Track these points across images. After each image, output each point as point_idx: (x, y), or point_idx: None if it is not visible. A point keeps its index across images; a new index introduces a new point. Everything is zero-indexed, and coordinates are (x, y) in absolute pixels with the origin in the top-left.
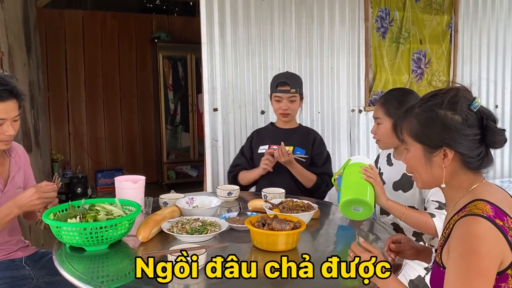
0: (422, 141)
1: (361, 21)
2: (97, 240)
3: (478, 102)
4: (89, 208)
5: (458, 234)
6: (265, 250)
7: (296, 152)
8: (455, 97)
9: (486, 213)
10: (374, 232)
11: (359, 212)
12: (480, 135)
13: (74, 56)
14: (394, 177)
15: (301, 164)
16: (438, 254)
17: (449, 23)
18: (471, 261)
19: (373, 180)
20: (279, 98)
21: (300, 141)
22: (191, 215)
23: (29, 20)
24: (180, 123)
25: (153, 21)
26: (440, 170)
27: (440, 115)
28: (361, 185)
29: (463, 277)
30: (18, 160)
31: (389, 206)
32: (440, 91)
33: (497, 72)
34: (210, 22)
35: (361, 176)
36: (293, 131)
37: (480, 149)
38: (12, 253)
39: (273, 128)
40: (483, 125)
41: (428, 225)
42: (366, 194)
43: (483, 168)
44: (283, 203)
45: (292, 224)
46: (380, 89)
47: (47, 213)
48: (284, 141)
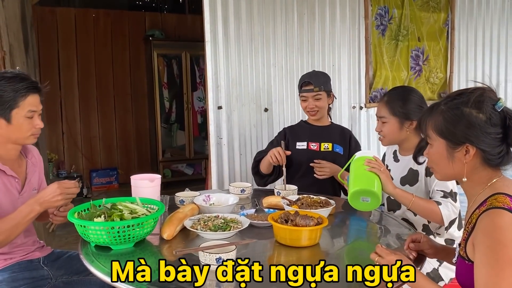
0: (446, 137)
1: (361, 19)
2: (124, 238)
3: (502, 103)
4: (112, 207)
5: (482, 228)
6: (288, 246)
7: (336, 150)
8: (480, 96)
9: (507, 205)
10: (383, 224)
11: (368, 203)
12: (502, 134)
13: (67, 54)
14: (401, 173)
15: (339, 161)
16: (462, 248)
17: (445, 20)
18: (499, 252)
19: (377, 170)
20: (305, 98)
21: (337, 139)
22: (210, 212)
23: (26, 18)
24: (175, 121)
25: (146, 19)
26: (462, 165)
27: (465, 113)
28: (367, 176)
29: (493, 268)
30: (34, 162)
31: (396, 193)
32: (466, 90)
33: (492, 68)
34: (214, 20)
35: (366, 168)
36: (328, 128)
37: (501, 147)
38: (30, 253)
39: (307, 125)
40: (505, 124)
41: (435, 213)
42: (372, 184)
43: (503, 165)
44: (301, 199)
45: (315, 220)
46: (380, 86)
47: (71, 213)
48: (321, 138)
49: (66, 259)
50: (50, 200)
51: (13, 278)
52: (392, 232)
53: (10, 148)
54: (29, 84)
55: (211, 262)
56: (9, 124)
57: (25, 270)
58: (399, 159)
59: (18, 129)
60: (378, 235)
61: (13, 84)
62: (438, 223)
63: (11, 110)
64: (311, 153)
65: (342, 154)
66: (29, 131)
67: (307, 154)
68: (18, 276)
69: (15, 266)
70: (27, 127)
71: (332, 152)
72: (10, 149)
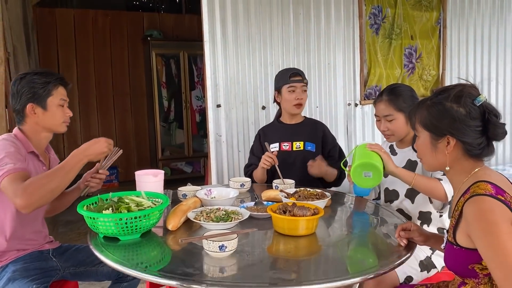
0: (430, 129)
1: (355, 18)
2: (131, 229)
3: (481, 98)
4: (118, 201)
5: (471, 216)
6: (286, 235)
7: (307, 148)
8: (460, 92)
9: (488, 191)
10: (378, 215)
11: (369, 178)
12: (482, 127)
13: (66, 54)
14: (399, 164)
15: (311, 157)
16: (450, 234)
17: (438, 19)
18: (496, 230)
19: (379, 150)
20: (294, 88)
21: (309, 136)
22: (212, 205)
23: (28, 19)
24: (174, 120)
25: (144, 19)
26: (444, 155)
27: (447, 107)
28: (370, 153)
29: (497, 246)
30: (54, 159)
31: (398, 172)
32: (448, 86)
33: (483, 66)
34: (212, 21)
35: (368, 150)
36: (300, 125)
37: (481, 139)
38: (41, 245)
39: (280, 125)
40: (485, 118)
41: (437, 188)
42: (375, 158)
43: (484, 157)
44: (298, 192)
45: (312, 210)
46: (374, 83)
47: (80, 206)
48: (293, 137)
49: (73, 252)
50: (97, 150)
51: (26, 268)
52: (388, 222)
53: (43, 137)
54: (58, 77)
55: (214, 249)
56: (45, 111)
57: (36, 260)
58: (397, 152)
59: (53, 116)
60: (374, 224)
61: (44, 77)
62: (442, 199)
63: (47, 98)
64: (283, 154)
65: (314, 152)
66: (62, 118)
67: (278, 156)
68: (30, 266)
69: (27, 257)
70: (60, 114)
71: (303, 151)
72: (43, 138)
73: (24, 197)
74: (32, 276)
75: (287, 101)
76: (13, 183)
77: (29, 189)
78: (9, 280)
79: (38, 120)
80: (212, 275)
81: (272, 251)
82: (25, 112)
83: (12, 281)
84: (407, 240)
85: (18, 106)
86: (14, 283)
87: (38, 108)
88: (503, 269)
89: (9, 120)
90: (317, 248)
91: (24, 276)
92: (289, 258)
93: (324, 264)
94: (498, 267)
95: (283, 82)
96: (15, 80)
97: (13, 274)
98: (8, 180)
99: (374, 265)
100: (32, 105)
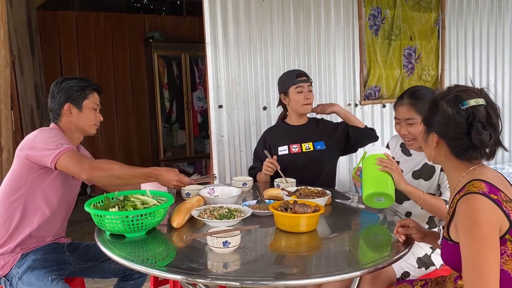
0: (423, 122)
1: (355, 19)
2: (137, 227)
3: (468, 103)
4: (124, 199)
5: (461, 212)
6: (288, 232)
7: (317, 147)
8: (455, 93)
9: (482, 190)
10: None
11: (382, 202)
12: (466, 130)
13: (69, 57)
14: (414, 167)
15: (323, 156)
16: (445, 230)
17: (436, 20)
18: (476, 231)
19: (389, 169)
20: (301, 88)
21: (316, 135)
22: (215, 203)
23: (32, 22)
24: (175, 121)
25: (145, 21)
26: (431, 149)
27: (439, 105)
28: (380, 178)
29: (473, 246)
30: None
31: (408, 190)
32: (450, 86)
33: (482, 66)
34: (214, 23)
35: (378, 168)
36: (307, 126)
37: (463, 141)
38: (59, 237)
39: (286, 127)
40: (468, 122)
41: (442, 210)
42: (386, 186)
43: (472, 159)
44: (299, 190)
45: (312, 208)
46: (374, 84)
47: (87, 204)
48: (301, 139)
49: (83, 248)
50: (165, 180)
51: (45, 258)
52: (388, 219)
53: (76, 137)
54: (94, 84)
55: (218, 245)
56: (80, 112)
57: (54, 252)
58: (411, 153)
59: (87, 117)
60: (374, 221)
61: (82, 82)
62: (443, 219)
63: (83, 101)
64: (293, 156)
65: (325, 148)
66: (93, 121)
67: (289, 158)
68: (49, 257)
69: (46, 248)
70: (93, 117)
71: (314, 151)
72: (76, 137)
73: (90, 170)
74: (50, 267)
75: (296, 101)
76: (74, 157)
77: (96, 164)
78: (29, 268)
79: (72, 120)
80: (216, 270)
81: (274, 247)
82: (62, 111)
83: (32, 269)
84: (405, 236)
85: (56, 105)
86: (34, 272)
87: (74, 109)
88: (470, 265)
89: (15, 122)
90: (318, 244)
91: (43, 266)
92: (291, 253)
93: (325, 259)
94: (467, 262)
95: (289, 83)
96: (56, 82)
97: (34, 263)
98: (69, 155)
99: (373, 260)
100: (69, 105)
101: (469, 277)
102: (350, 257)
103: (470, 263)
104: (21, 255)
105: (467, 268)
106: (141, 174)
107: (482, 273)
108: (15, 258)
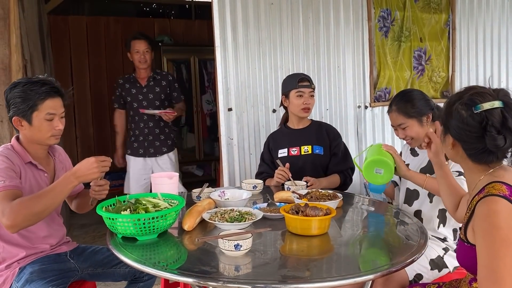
0: (441, 123)
1: (364, 21)
2: (149, 230)
3: (482, 107)
4: (136, 202)
5: (480, 214)
6: (299, 235)
7: (316, 151)
8: (470, 95)
9: (502, 193)
10: (399, 218)
11: (380, 175)
12: (480, 134)
13: (79, 61)
14: (421, 164)
15: (319, 162)
16: (462, 231)
17: (446, 21)
18: (495, 234)
19: (393, 152)
20: (302, 93)
21: (316, 139)
22: (225, 206)
23: (43, 27)
24: (185, 124)
25: (155, 25)
26: (448, 150)
27: (454, 108)
28: (383, 152)
29: (491, 249)
30: (61, 159)
31: (410, 174)
32: (467, 87)
33: (493, 67)
34: (223, 26)
35: (382, 149)
36: (307, 129)
37: (477, 144)
38: (57, 247)
39: (287, 130)
40: (482, 126)
41: None
42: (388, 156)
43: (486, 163)
44: (310, 193)
45: (324, 210)
46: (384, 85)
47: (99, 207)
48: (300, 142)
49: (90, 253)
50: (87, 172)
51: (43, 269)
52: (398, 222)
53: (37, 147)
54: (49, 88)
55: (230, 248)
56: (31, 125)
57: (53, 262)
58: (418, 153)
59: (38, 131)
60: (384, 224)
61: (36, 88)
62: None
63: (31, 113)
64: (292, 158)
65: (323, 154)
66: (49, 132)
67: (287, 160)
68: (47, 267)
69: (45, 259)
70: (47, 129)
71: (312, 154)
72: (37, 148)
73: (10, 217)
74: (50, 278)
75: (295, 105)
76: (1, 201)
77: (16, 209)
78: (27, 282)
79: (26, 133)
80: (228, 273)
81: (285, 250)
82: (13, 124)
83: (29, 282)
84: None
85: (9, 117)
86: (32, 285)
87: (24, 121)
88: (486, 269)
89: None
90: (329, 247)
91: (41, 278)
92: (302, 257)
93: (336, 262)
94: (483, 265)
95: (291, 87)
96: (5, 90)
97: (31, 275)
98: (1, 195)
99: (386, 263)
100: (18, 118)
101: (484, 281)
102: (362, 261)
103: (486, 267)
104: (18, 269)
105: (482, 272)
106: (60, 188)
107: (497, 277)
108: (13, 273)
